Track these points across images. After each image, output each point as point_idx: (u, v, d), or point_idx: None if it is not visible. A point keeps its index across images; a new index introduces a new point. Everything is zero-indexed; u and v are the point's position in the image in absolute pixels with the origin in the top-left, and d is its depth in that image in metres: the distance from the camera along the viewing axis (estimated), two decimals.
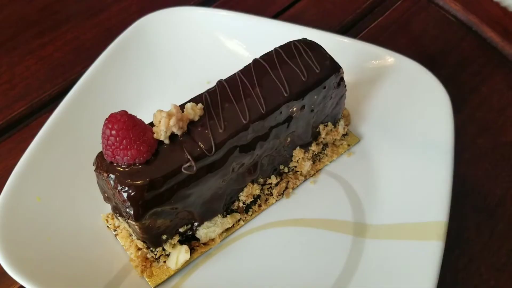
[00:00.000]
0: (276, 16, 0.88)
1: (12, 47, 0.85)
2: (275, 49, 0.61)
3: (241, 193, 0.61)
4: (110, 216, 0.61)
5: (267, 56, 0.60)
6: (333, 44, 0.65)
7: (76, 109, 0.68)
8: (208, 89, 0.58)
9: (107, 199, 0.56)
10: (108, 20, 0.88)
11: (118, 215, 0.56)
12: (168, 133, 0.51)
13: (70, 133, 0.66)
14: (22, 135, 0.74)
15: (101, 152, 0.52)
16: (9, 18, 0.90)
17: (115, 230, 0.60)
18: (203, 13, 0.79)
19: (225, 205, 0.60)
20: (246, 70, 0.59)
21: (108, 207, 0.59)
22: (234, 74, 0.59)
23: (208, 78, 0.74)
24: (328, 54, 0.60)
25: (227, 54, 0.77)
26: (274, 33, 0.73)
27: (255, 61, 0.60)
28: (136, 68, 0.75)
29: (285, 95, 0.56)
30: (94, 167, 0.53)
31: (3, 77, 0.81)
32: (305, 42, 0.61)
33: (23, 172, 0.60)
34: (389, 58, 0.72)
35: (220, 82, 0.58)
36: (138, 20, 0.77)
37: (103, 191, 0.55)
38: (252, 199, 0.62)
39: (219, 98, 0.56)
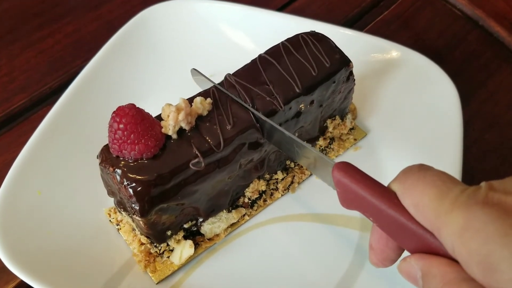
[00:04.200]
0: (280, 9, 0.87)
1: (12, 39, 0.84)
2: (282, 42, 0.60)
3: (247, 189, 0.60)
4: (112, 210, 0.60)
5: (274, 50, 0.59)
6: (339, 37, 0.64)
7: (77, 102, 0.67)
8: (218, 83, 0.56)
9: (111, 193, 0.54)
10: (110, 13, 0.87)
11: (122, 209, 0.55)
12: (177, 128, 0.50)
13: (71, 126, 0.65)
14: (22, 128, 0.72)
15: (106, 146, 0.51)
16: (9, 10, 0.88)
17: (117, 225, 0.59)
18: (207, 5, 0.77)
19: (231, 201, 0.59)
20: (253, 65, 0.58)
21: (110, 201, 0.58)
22: (242, 68, 0.58)
23: (211, 71, 0.73)
24: (338, 48, 0.59)
25: (231, 47, 0.75)
26: (279, 26, 0.72)
27: (262, 56, 0.58)
28: (138, 61, 0.74)
29: (297, 90, 0.55)
30: (96, 160, 0.52)
31: (3, 69, 0.80)
32: (313, 35, 0.60)
33: (23, 166, 0.59)
34: (396, 51, 0.70)
35: (227, 77, 0.57)
36: (140, 13, 0.76)
37: (107, 185, 0.54)
38: (258, 195, 0.61)
39: (227, 93, 0.55)
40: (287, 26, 0.70)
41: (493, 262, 0.31)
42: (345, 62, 0.58)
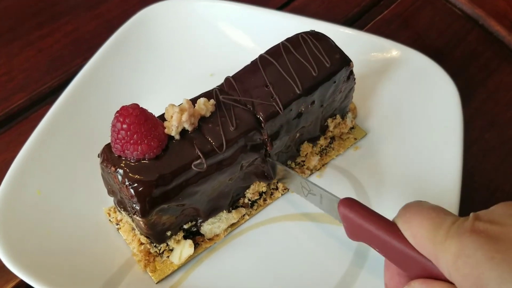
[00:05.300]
0: (280, 8, 0.87)
1: (11, 38, 0.83)
2: (282, 42, 0.59)
3: (247, 191, 0.60)
4: (112, 209, 0.60)
5: (274, 50, 0.58)
6: (339, 36, 0.64)
7: (76, 102, 0.67)
8: (218, 85, 0.56)
9: (111, 192, 0.54)
10: (108, 12, 0.87)
11: (122, 209, 0.54)
12: (180, 129, 0.50)
13: (71, 125, 0.65)
14: (21, 128, 0.72)
15: (107, 145, 0.50)
16: (8, 9, 0.88)
17: (117, 224, 0.59)
18: (206, 4, 0.77)
19: (231, 201, 0.59)
20: (253, 66, 0.57)
21: (110, 200, 0.58)
22: (242, 70, 0.58)
23: (211, 71, 0.73)
24: (338, 47, 0.59)
25: (230, 46, 0.75)
26: (278, 25, 0.72)
27: (262, 56, 0.58)
28: (137, 60, 0.74)
29: (298, 91, 0.55)
30: (95, 159, 0.52)
31: (2, 69, 0.79)
32: (313, 34, 0.60)
33: (23, 165, 0.59)
34: (396, 50, 0.70)
35: (227, 79, 0.56)
36: (139, 12, 0.76)
37: (107, 185, 0.54)
38: (258, 196, 0.61)
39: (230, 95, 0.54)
40: (287, 25, 0.70)
41: (483, 283, 0.35)
42: (345, 61, 0.58)
